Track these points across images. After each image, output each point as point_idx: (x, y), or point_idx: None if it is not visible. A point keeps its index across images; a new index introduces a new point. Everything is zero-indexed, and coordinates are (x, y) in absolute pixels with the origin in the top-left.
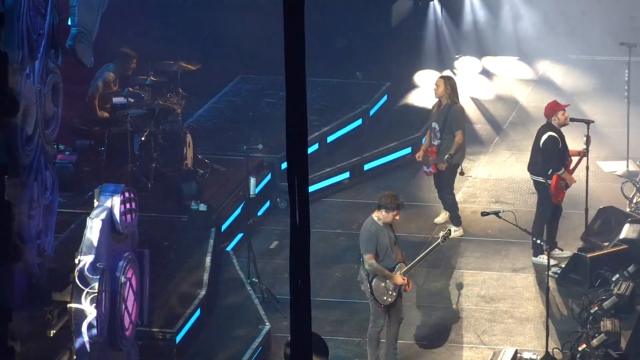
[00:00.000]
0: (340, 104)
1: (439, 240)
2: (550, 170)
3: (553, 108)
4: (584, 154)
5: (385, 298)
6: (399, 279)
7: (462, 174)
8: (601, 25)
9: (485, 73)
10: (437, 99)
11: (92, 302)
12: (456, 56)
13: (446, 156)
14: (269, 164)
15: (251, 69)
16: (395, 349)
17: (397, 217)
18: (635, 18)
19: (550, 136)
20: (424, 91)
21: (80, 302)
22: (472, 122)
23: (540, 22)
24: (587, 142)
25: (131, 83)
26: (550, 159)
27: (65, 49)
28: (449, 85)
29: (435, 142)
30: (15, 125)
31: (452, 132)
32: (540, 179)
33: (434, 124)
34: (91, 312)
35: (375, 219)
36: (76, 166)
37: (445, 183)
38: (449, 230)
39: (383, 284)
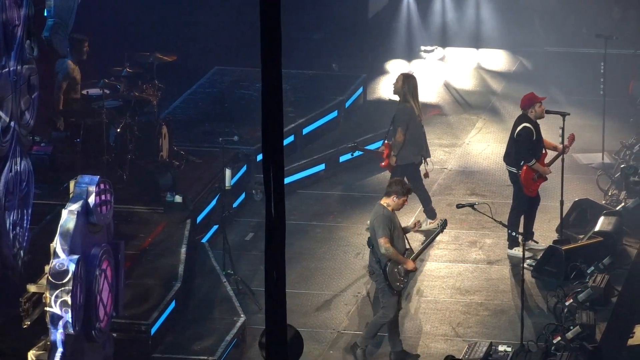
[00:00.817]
0: (316, 95)
1: (438, 230)
2: (522, 161)
3: (530, 100)
4: (562, 150)
5: (398, 284)
6: (410, 264)
7: (426, 176)
8: (577, 17)
9: (461, 65)
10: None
11: (67, 293)
12: (431, 48)
13: (392, 154)
14: (244, 155)
15: (227, 60)
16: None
17: (406, 202)
18: (612, 10)
19: (524, 127)
20: None
21: (55, 294)
22: (448, 113)
23: (516, 14)
24: (563, 135)
25: (107, 74)
26: (522, 150)
27: (41, 40)
28: (407, 83)
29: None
30: None
31: (397, 129)
32: (514, 170)
33: None
34: (66, 304)
35: (385, 205)
36: (52, 157)
37: (409, 181)
38: (445, 219)
39: (396, 270)
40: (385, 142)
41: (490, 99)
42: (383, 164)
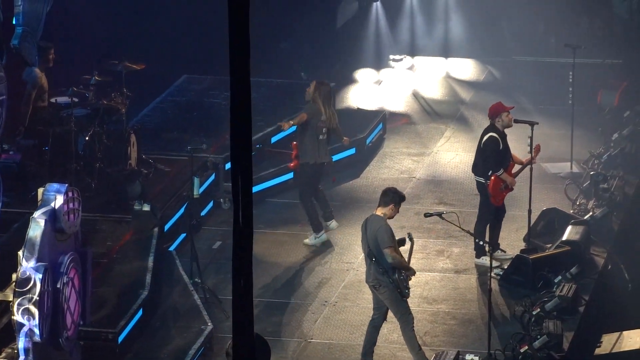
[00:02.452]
0: (285, 104)
1: (411, 242)
2: (490, 171)
3: (497, 110)
4: (528, 162)
5: (406, 291)
6: (413, 269)
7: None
8: (546, 27)
9: (430, 74)
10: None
11: (30, 301)
12: (400, 57)
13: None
14: (213, 164)
15: (196, 69)
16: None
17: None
18: (580, 20)
19: (490, 137)
20: (368, 91)
21: (22, 302)
22: (416, 122)
23: (484, 24)
24: (532, 144)
25: (76, 82)
26: (488, 160)
27: (10, 48)
28: (318, 89)
29: None
30: None
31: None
32: (482, 180)
33: None
34: (33, 312)
35: (382, 215)
36: (20, 166)
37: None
38: (410, 233)
39: (402, 277)
40: (294, 143)
41: (458, 108)
42: (291, 164)
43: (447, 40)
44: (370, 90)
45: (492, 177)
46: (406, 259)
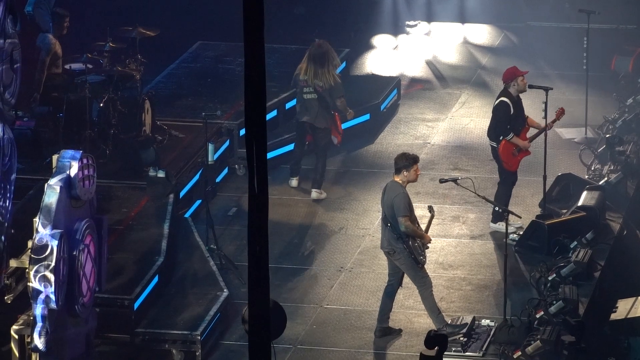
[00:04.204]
0: None
1: (431, 214)
2: (500, 136)
3: (512, 74)
4: (545, 128)
5: (421, 258)
6: (427, 236)
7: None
8: None
9: (446, 39)
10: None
11: (47, 268)
12: (415, 23)
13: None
14: (227, 130)
15: (210, 35)
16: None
17: (419, 171)
18: None
19: (501, 101)
20: (382, 57)
21: (39, 269)
22: (431, 88)
23: None
24: (546, 110)
25: (90, 49)
26: (498, 124)
27: (24, 15)
28: (308, 50)
29: None
30: None
31: None
32: (494, 144)
33: None
34: (50, 279)
35: (400, 182)
36: (34, 132)
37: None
38: (430, 206)
39: (417, 244)
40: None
41: (473, 74)
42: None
43: (463, 6)
44: (385, 56)
45: (502, 142)
46: (424, 228)
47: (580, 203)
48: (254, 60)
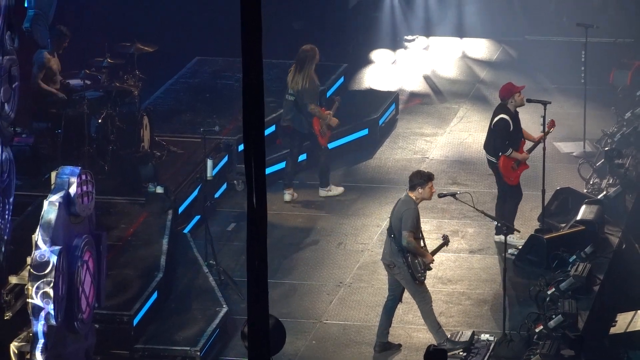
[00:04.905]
0: None
1: (443, 242)
2: (499, 152)
3: (509, 90)
4: (540, 139)
5: (419, 275)
6: (430, 257)
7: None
8: (557, 6)
9: (444, 54)
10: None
11: (48, 285)
12: (413, 37)
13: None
14: (226, 145)
15: (208, 50)
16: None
17: (434, 188)
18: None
19: (501, 118)
20: (380, 72)
21: (36, 285)
22: (429, 102)
23: (497, 3)
24: (544, 123)
25: (88, 65)
26: (498, 141)
27: (22, 31)
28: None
29: None
30: None
31: None
32: (493, 160)
33: None
34: (48, 295)
35: (414, 198)
36: (33, 149)
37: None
38: (446, 235)
39: (416, 261)
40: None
41: (471, 88)
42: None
43: (461, 20)
44: (383, 70)
45: (501, 158)
46: (431, 250)
47: (579, 217)
48: (252, 75)
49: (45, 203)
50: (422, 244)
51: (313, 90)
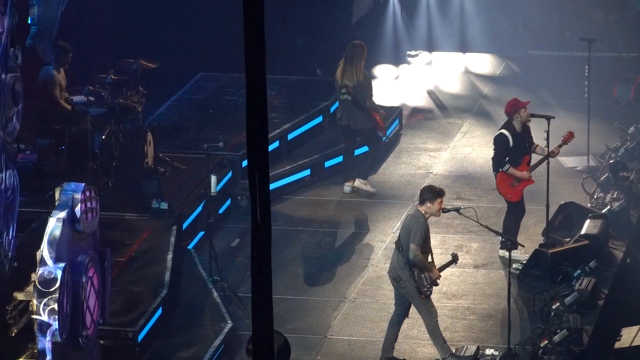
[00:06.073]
0: (301, 101)
1: (452, 259)
2: (498, 167)
3: (514, 106)
4: (548, 155)
5: (424, 289)
6: (436, 272)
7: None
8: (560, 21)
9: (447, 69)
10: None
11: (54, 301)
12: (416, 52)
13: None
14: (229, 161)
15: (212, 66)
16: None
17: (442, 204)
18: (595, 13)
19: (500, 134)
20: (384, 87)
21: (43, 302)
22: (433, 118)
23: (500, 19)
24: (548, 138)
25: (91, 82)
26: (495, 156)
27: (25, 48)
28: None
29: None
30: None
31: None
32: (494, 175)
33: None
34: (54, 312)
35: (423, 212)
36: (37, 165)
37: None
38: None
39: (422, 275)
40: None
41: (475, 103)
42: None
43: (464, 35)
44: (387, 86)
45: (498, 174)
46: (438, 266)
47: (583, 231)
48: (256, 91)
49: (50, 220)
50: (429, 258)
51: (369, 84)
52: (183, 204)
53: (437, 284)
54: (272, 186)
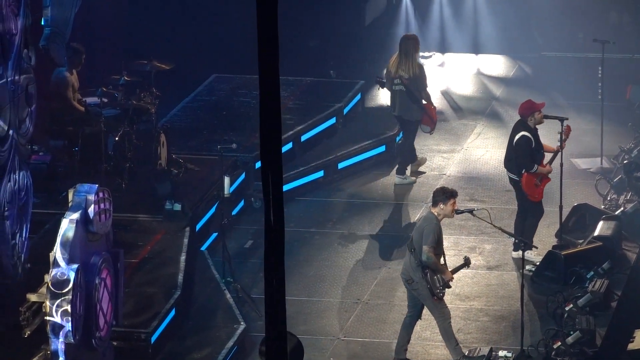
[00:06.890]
0: (314, 102)
1: (464, 262)
2: (523, 169)
3: (530, 108)
4: (558, 150)
5: (437, 291)
6: (449, 274)
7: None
8: (574, 22)
9: (460, 70)
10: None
11: (67, 302)
12: (429, 54)
13: None
14: (243, 163)
15: (225, 68)
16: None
17: (455, 205)
18: (608, 15)
19: (523, 136)
20: None
21: (56, 303)
22: (446, 119)
23: (513, 20)
24: (561, 140)
25: (105, 83)
26: (521, 159)
27: (39, 49)
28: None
29: None
30: None
31: None
32: (515, 177)
33: None
34: (67, 313)
35: (435, 214)
36: (50, 166)
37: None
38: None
39: (435, 277)
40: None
41: (488, 105)
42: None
43: (477, 37)
44: None
45: (524, 175)
46: (451, 268)
47: (596, 233)
48: (269, 93)
49: (64, 221)
50: (442, 260)
51: (424, 75)
52: (196, 206)
53: (449, 286)
54: (285, 187)
